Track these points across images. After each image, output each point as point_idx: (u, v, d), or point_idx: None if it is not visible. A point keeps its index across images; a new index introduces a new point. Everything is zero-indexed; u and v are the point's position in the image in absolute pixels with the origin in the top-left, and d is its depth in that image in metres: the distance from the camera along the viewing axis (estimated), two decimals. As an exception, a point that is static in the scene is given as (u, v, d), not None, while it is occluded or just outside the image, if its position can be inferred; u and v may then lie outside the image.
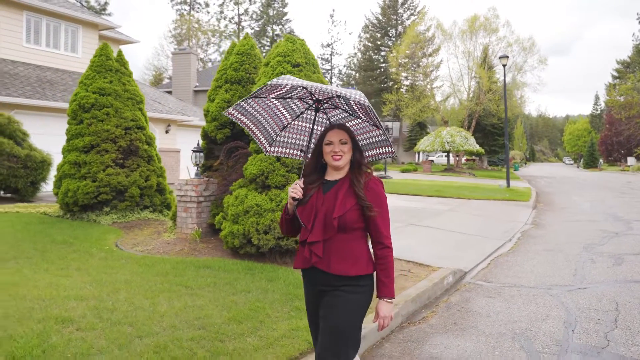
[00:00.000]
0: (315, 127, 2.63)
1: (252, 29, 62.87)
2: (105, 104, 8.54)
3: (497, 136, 44.50)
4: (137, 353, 3.22)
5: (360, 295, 2.27)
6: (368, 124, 2.48)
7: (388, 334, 4.28)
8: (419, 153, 52.61)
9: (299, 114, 2.65)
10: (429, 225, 9.67)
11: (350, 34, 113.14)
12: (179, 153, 17.76)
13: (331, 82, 58.44)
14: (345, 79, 65.45)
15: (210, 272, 5.29)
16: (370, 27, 59.55)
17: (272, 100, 2.50)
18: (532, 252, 7.71)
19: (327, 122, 2.65)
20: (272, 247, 5.85)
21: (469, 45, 41.89)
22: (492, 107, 41.18)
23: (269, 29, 62.11)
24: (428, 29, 45.93)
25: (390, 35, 58.20)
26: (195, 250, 6.39)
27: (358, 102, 2.21)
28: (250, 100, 2.47)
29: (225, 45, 62.76)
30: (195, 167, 7.40)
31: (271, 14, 61.76)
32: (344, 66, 66.36)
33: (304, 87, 2.30)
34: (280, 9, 62.47)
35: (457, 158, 40.15)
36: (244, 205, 5.89)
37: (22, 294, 4.26)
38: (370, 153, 2.59)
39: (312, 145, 2.57)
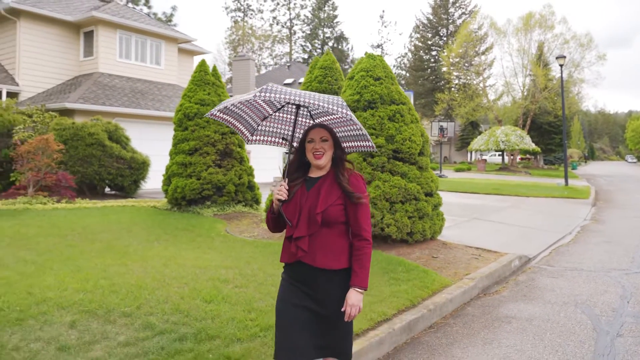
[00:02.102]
0: (299, 118, 2.75)
1: (304, 32, 64.63)
2: (205, 112, 9.95)
3: (553, 134, 43.58)
4: (288, 302, 4.39)
5: (342, 290, 2.40)
6: (347, 119, 2.55)
7: (468, 301, 5.27)
8: (471, 152, 52.31)
9: (279, 107, 2.77)
10: (491, 220, 10.47)
11: (400, 34, 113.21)
12: (250, 154, 19.27)
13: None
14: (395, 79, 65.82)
15: (313, 253, 6.44)
16: (420, 27, 59.73)
17: (255, 99, 2.58)
18: (592, 244, 8.39)
19: (309, 114, 2.75)
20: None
21: (523, 43, 41.48)
22: (548, 105, 40.57)
23: (319, 32, 63.60)
24: (480, 27, 45.71)
25: (442, 34, 58.14)
26: (293, 237, 7.58)
27: (347, 117, 2.36)
28: (236, 102, 2.59)
29: (279, 49, 64.88)
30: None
31: (322, 17, 63.21)
32: (394, 66, 66.71)
33: (287, 102, 2.46)
34: (331, 12, 63.80)
35: (512, 157, 39.86)
36: (336, 198, 7.01)
37: (181, 264, 5.57)
38: (349, 144, 2.68)
39: (296, 135, 2.71)
